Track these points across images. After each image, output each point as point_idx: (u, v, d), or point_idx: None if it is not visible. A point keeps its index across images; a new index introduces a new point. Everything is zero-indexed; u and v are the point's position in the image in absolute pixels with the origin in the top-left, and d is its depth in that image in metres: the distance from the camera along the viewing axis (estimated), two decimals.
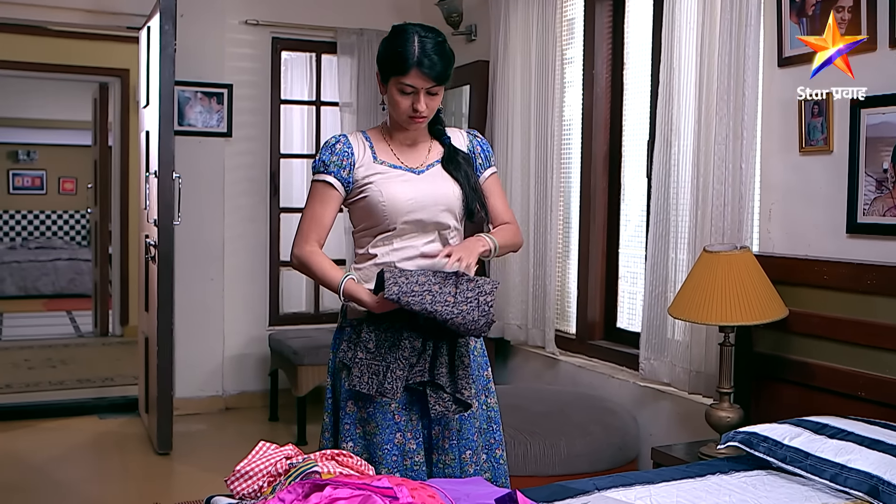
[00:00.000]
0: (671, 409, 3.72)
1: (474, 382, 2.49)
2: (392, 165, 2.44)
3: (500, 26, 4.79)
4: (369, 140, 2.47)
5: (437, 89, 2.35)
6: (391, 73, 2.34)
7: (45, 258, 11.36)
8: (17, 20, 5.66)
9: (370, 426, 2.41)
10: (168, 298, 4.64)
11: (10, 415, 5.43)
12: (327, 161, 2.42)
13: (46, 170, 12.90)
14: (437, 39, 2.35)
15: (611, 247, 4.43)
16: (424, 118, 2.38)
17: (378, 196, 2.39)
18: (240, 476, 2.05)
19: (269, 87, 5.77)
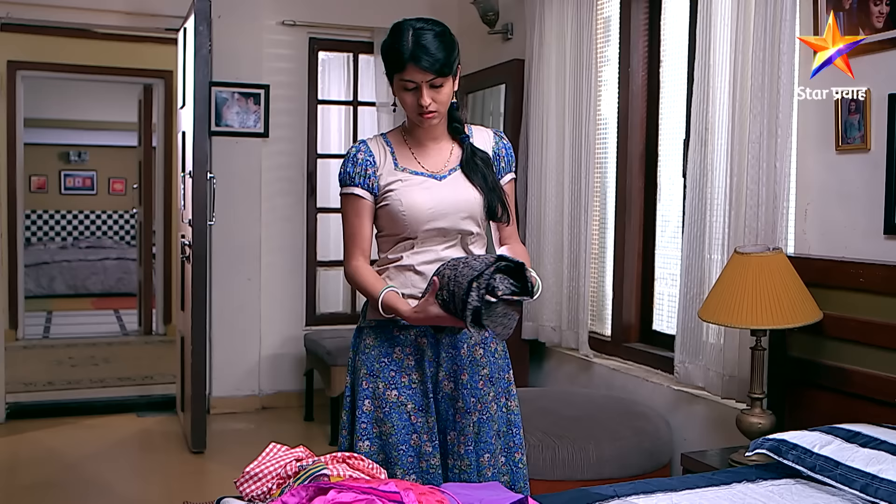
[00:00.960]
0: (706, 413, 3.63)
1: (494, 385, 2.46)
2: (413, 172, 2.39)
3: (536, 25, 4.74)
4: (390, 145, 2.44)
5: (439, 81, 2.28)
6: (392, 71, 2.31)
7: (95, 257, 11.56)
8: (58, 23, 5.76)
9: (386, 426, 2.38)
10: (202, 298, 4.66)
11: (51, 412, 5.53)
12: (351, 173, 2.39)
13: (97, 170, 13.13)
14: (434, 30, 2.29)
15: (647, 248, 4.35)
16: (434, 113, 2.32)
17: (398, 205, 2.35)
18: (249, 478, 2.03)
19: (306, 88, 5.79)
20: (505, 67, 5.18)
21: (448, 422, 2.42)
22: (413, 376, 2.39)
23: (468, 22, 5.74)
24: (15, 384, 5.91)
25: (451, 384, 2.41)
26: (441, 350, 2.41)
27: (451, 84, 2.33)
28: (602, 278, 4.63)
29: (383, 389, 2.38)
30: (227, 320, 5.59)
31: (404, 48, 2.24)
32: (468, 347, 2.43)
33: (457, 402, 2.42)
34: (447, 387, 2.41)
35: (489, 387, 2.45)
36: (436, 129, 2.41)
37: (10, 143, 7.67)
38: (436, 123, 2.38)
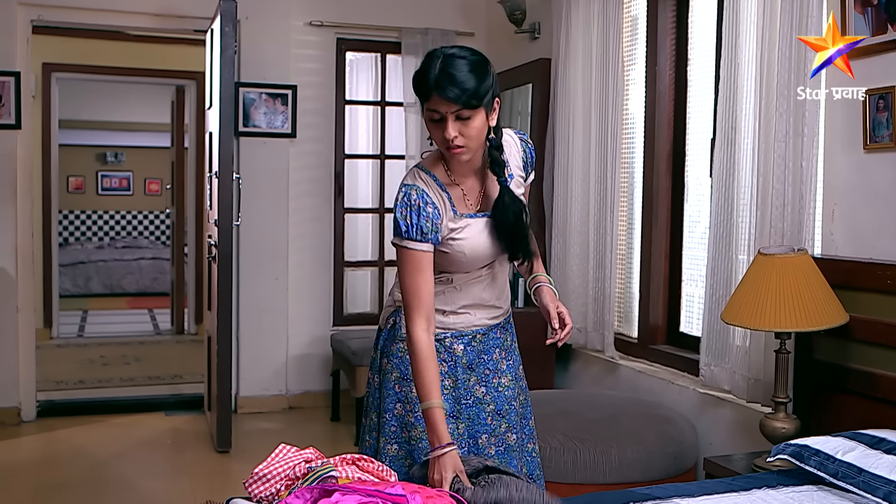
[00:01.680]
0: (731, 417, 3.57)
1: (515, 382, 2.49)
2: (470, 216, 2.30)
3: (562, 24, 4.70)
4: (443, 187, 2.29)
5: (467, 113, 2.11)
6: (421, 101, 2.18)
7: (130, 257, 11.68)
8: (88, 25, 5.83)
9: (416, 431, 2.36)
10: (227, 298, 4.68)
11: (81, 410, 5.58)
12: (425, 228, 2.22)
13: (133, 171, 13.25)
14: (466, 58, 2.14)
15: (674, 248, 4.29)
16: (461, 148, 2.16)
17: (461, 256, 2.31)
18: (258, 479, 2.02)
19: (334, 88, 5.79)
20: (531, 67, 5.15)
21: (480, 425, 2.42)
22: (446, 382, 2.38)
23: (496, 21, 5.72)
24: (46, 382, 5.98)
25: (482, 388, 2.43)
26: (475, 355, 2.43)
27: (482, 117, 2.15)
28: (629, 279, 4.58)
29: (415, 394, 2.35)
30: (254, 320, 5.60)
31: (430, 76, 2.11)
32: (498, 352, 2.47)
33: (488, 406, 2.43)
34: (479, 391, 2.42)
35: (514, 384, 2.49)
36: (472, 163, 2.27)
37: (46, 145, 7.77)
38: (466, 159, 2.22)
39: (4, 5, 5.07)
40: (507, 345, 2.51)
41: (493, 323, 2.45)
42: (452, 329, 2.40)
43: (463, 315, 2.39)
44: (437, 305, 2.34)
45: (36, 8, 5.20)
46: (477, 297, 2.40)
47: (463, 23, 5.91)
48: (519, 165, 2.40)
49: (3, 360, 5.17)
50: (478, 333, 2.42)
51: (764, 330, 2.85)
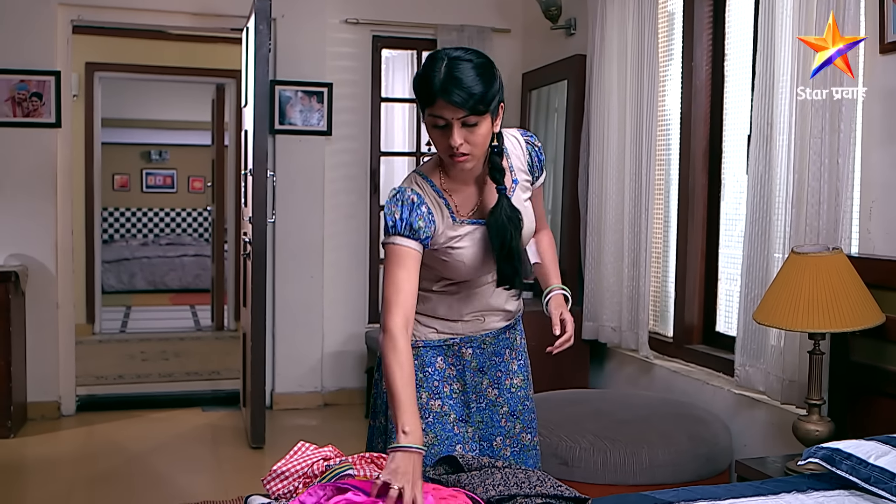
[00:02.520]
0: (766, 419, 3.50)
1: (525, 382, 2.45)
2: (471, 222, 2.22)
3: (598, 19, 4.65)
4: (441, 195, 2.20)
5: (473, 119, 2.02)
6: (423, 106, 2.07)
7: (173, 254, 11.82)
8: (126, 24, 5.91)
9: (429, 437, 2.31)
10: (261, 295, 4.70)
11: (120, 405, 5.66)
12: (415, 226, 2.12)
13: (177, 169, 13.41)
14: (472, 61, 2.03)
15: (710, 247, 4.22)
16: (466, 156, 2.07)
17: (461, 266, 2.24)
18: (276, 476, 2.02)
19: (370, 86, 5.79)
20: (567, 63, 5.10)
21: (494, 428, 2.39)
22: (455, 386, 2.36)
23: (532, 18, 5.68)
24: (87, 377, 6.07)
25: (495, 391, 2.40)
26: (486, 358, 2.40)
27: (488, 124, 2.07)
28: (665, 278, 4.52)
29: (426, 399, 2.33)
30: (290, 317, 5.63)
31: (435, 79, 2.00)
32: (508, 352, 2.43)
33: (501, 408, 2.41)
34: (491, 394, 2.40)
35: (525, 384, 2.46)
36: (472, 172, 2.19)
37: (89, 143, 7.89)
38: (469, 168, 2.13)
39: (45, 6, 5.15)
40: (517, 344, 2.48)
41: (504, 325, 2.42)
42: (462, 334, 2.36)
43: (472, 322, 2.36)
44: (444, 316, 2.33)
45: (76, 8, 5.27)
46: (485, 305, 2.36)
47: (499, 19, 5.88)
48: (523, 169, 2.30)
49: (44, 356, 5.26)
50: (487, 337, 2.39)
51: (797, 330, 2.79)
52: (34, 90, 5.12)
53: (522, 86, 5.74)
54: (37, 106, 5.13)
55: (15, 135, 5.16)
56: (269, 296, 5.51)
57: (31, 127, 5.17)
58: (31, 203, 5.19)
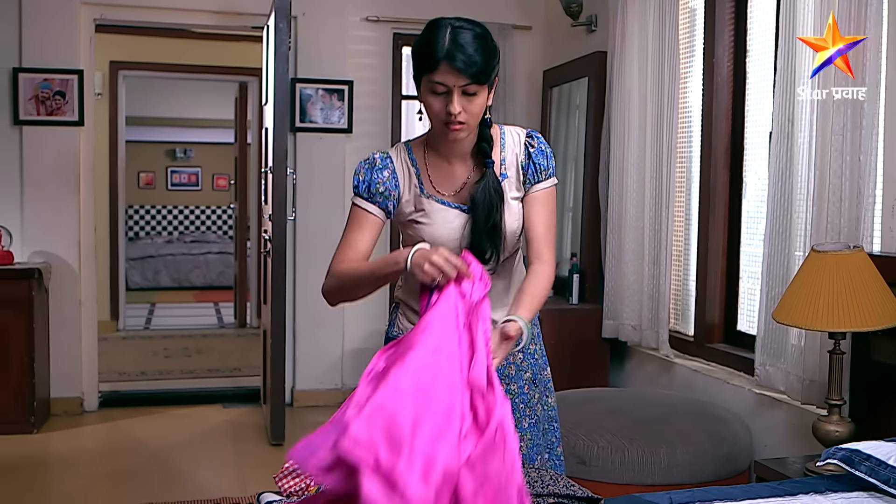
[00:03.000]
0: (787, 419, 3.46)
1: (537, 387, 2.39)
2: (439, 201, 2.18)
3: (618, 16, 4.62)
4: (415, 164, 2.21)
5: (473, 88, 2.02)
6: (422, 72, 2.05)
7: (198, 251, 11.89)
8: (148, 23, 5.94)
9: None
10: (281, 292, 4.72)
11: (142, 401, 5.70)
12: (371, 188, 2.17)
13: (201, 167, 13.48)
14: (474, 31, 2.04)
15: (732, 245, 4.18)
16: (462, 125, 2.05)
17: (422, 238, 2.17)
18: (288, 473, 2.03)
19: (391, 83, 5.79)
20: (588, 60, 5.07)
21: (517, 395, 2.33)
22: None
23: (553, 14, 5.65)
24: (110, 374, 6.12)
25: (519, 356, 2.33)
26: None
27: (485, 95, 2.07)
28: (686, 276, 4.48)
29: None
30: (310, 314, 5.64)
31: (439, 45, 2.00)
32: (513, 356, 2.32)
33: (525, 374, 2.36)
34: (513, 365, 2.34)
35: (534, 390, 2.38)
36: (461, 145, 2.16)
37: (113, 141, 7.95)
38: (463, 137, 2.10)
39: (68, 5, 5.19)
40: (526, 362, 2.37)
41: None
42: None
43: None
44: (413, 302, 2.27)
45: (98, 7, 5.31)
46: None
47: (520, 16, 5.86)
48: (515, 166, 2.23)
49: (67, 352, 5.30)
50: None
51: (816, 330, 2.75)
52: (57, 89, 5.17)
53: (543, 83, 5.71)
54: (60, 104, 5.18)
55: (38, 133, 5.21)
56: (289, 293, 5.52)
57: (54, 125, 5.21)
58: (54, 200, 5.23)
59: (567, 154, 5.44)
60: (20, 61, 5.15)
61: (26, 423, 4.89)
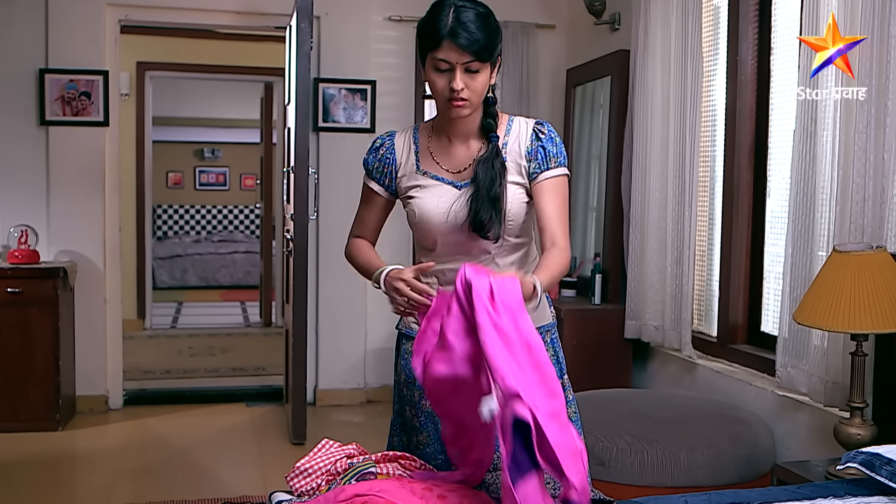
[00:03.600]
0: (810, 421, 3.42)
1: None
2: (434, 176, 2.22)
3: (641, 14, 4.58)
4: (417, 142, 2.26)
5: (476, 66, 2.05)
6: (426, 50, 2.09)
7: (225, 251, 11.96)
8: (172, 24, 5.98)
9: (421, 436, 2.29)
10: (302, 291, 4.73)
11: (166, 399, 5.74)
12: (371, 166, 2.32)
13: (229, 167, 13.56)
14: (476, 10, 2.07)
15: (756, 245, 4.14)
16: (465, 102, 2.08)
17: (414, 216, 2.24)
18: (299, 473, 2.03)
19: (413, 83, 5.78)
20: (610, 58, 5.04)
21: None
22: None
23: (576, 13, 5.62)
24: (135, 372, 6.17)
25: None
26: None
27: (488, 73, 2.10)
28: (709, 276, 4.44)
29: (418, 398, 2.28)
30: (333, 314, 5.66)
31: (442, 23, 2.04)
32: None
33: None
34: None
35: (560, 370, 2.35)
36: (465, 124, 2.19)
37: (140, 142, 8.01)
38: (465, 115, 2.13)
39: (93, 6, 5.24)
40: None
41: None
42: None
43: None
44: None
45: (123, 8, 5.35)
46: None
47: (543, 15, 5.84)
48: (520, 153, 2.22)
49: (92, 350, 5.35)
50: None
51: (837, 331, 2.71)
52: (83, 89, 5.22)
53: (567, 82, 5.69)
54: (85, 105, 5.22)
55: (64, 133, 5.26)
56: (312, 292, 5.54)
57: (79, 126, 5.26)
58: (79, 200, 5.28)
59: (591, 153, 5.41)
60: (46, 62, 5.20)
61: (51, 420, 4.94)
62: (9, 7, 5.14)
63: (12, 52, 5.19)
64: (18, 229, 5.06)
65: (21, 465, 4.44)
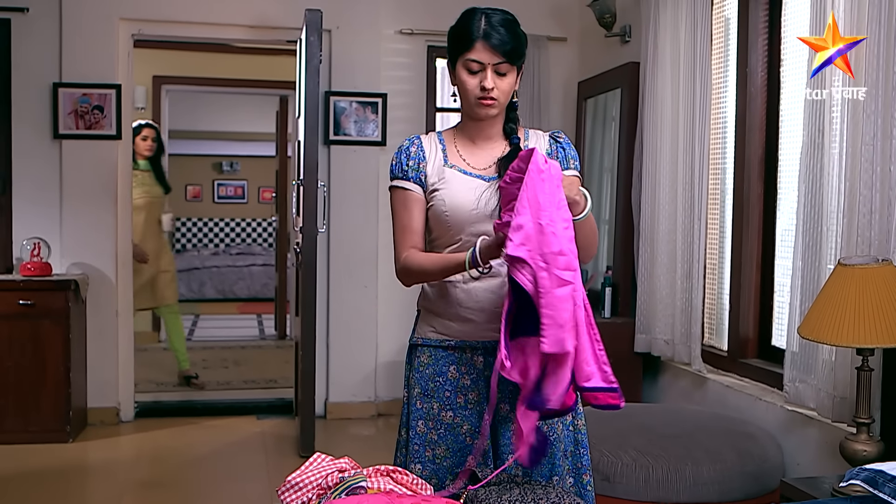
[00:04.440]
0: (819, 437, 3.37)
1: None
2: (461, 170, 2.28)
3: (650, 26, 4.57)
4: (442, 142, 2.34)
5: (505, 68, 2.18)
6: (458, 52, 2.21)
7: (242, 263, 11.99)
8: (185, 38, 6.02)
9: (440, 449, 2.28)
10: (311, 304, 4.73)
11: (177, 412, 5.74)
12: (405, 166, 2.31)
13: (248, 180, 13.63)
14: (507, 17, 2.21)
15: (766, 258, 4.09)
16: (494, 101, 2.20)
17: (441, 206, 2.25)
18: (290, 487, 2.02)
19: (425, 95, 5.80)
20: (621, 71, 5.02)
21: (507, 445, 2.26)
22: (469, 396, 2.28)
23: (588, 25, 5.61)
24: (147, 384, 6.19)
25: (507, 406, 2.26)
26: None
27: (514, 76, 2.23)
28: (720, 290, 4.39)
29: (438, 410, 2.28)
30: (344, 327, 5.66)
31: (474, 27, 2.17)
32: None
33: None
34: (503, 409, 2.27)
35: None
36: (489, 126, 2.29)
37: None
38: (493, 114, 2.25)
39: (106, 21, 5.28)
40: None
41: None
42: (457, 337, 2.28)
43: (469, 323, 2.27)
44: (434, 303, 2.30)
45: (136, 23, 5.39)
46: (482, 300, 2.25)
47: (555, 28, 5.83)
48: None
49: (104, 363, 5.37)
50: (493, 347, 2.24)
51: (842, 345, 2.68)
52: (96, 103, 5.26)
53: (578, 94, 5.67)
54: (98, 118, 5.26)
55: (77, 147, 5.30)
56: (323, 305, 5.55)
57: (92, 139, 5.30)
58: (92, 213, 5.32)
59: (602, 166, 5.39)
60: (60, 76, 5.25)
61: (62, 432, 4.96)
62: (24, 22, 5.20)
63: (27, 67, 5.24)
64: (31, 242, 5.10)
65: (31, 476, 4.46)
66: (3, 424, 4.91)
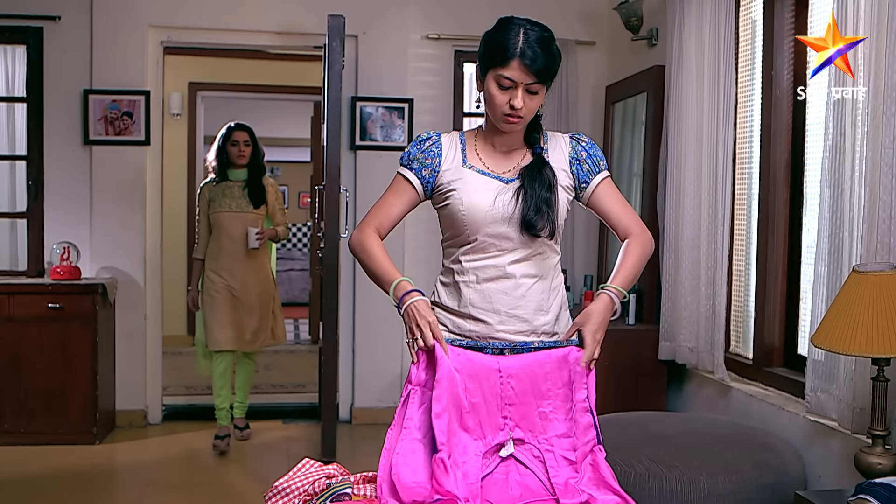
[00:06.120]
0: (841, 449, 3.27)
1: None
2: (479, 171, 2.29)
3: (675, 29, 4.50)
4: (463, 142, 2.35)
5: (537, 87, 2.17)
6: (490, 65, 2.19)
7: (281, 268, 12.06)
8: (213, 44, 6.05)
9: None
10: (333, 310, 4.73)
11: (204, 415, 5.75)
12: (413, 157, 2.35)
13: (288, 185, 13.71)
14: (545, 35, 2.18)
15: (793, 264, 4.00)
16: (520, 119, 2.20)
17: (458, 205, 2.26)
18: (277, 492, 2.01)
19: (452, 101, 5.78)
20: (647, 74, 4.96)
21: None
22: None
23: (616, 29, 5.55)
24: (177, 387, 6.24)
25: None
26: None
27: (543, 94, 2.23)
28: (746, 297, 4.31)
29: None
30: (370, 332, 5.66)
31: (512, 43, 2.14)
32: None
33: None
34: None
35: None
36: (512, 137, 2.30)
37: (191, 160, 8.16)
38: (518, 129, 2.27)
39: (136, 28, 5.36)
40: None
41: (524, 340, 2.30)
42: (469, 337, 2.28)
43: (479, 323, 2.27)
44: (447, 302, 2.30)
45: (165, 30, 5.47)
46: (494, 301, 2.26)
47: (583, 32, 5.78)
48: (564, 168, 2.34)
49: (132, 366, 5.44)
50: (506, 348, 2.28)
51: (854, 355, 2.60)
52: (125, 109, 5.33)
53: (606, 98, 5.62)
54: (127, 124, 5.33)
55: (107, 152, 5.38)
56: (349, 310, 5.56)
57: (121, 145, 5.37)
58: (121, 218, 5.39)
59: (631, 171, 5.32)
60: (91, 83, 5.33)
61: (89, 434, 5.02)
62: (56, 30, 5.29)
63: (59, 74, 5.34)
64: (61, 246, 5.18)
65: (57, 477, 4.52)
66: (31, 425, 5.00)
